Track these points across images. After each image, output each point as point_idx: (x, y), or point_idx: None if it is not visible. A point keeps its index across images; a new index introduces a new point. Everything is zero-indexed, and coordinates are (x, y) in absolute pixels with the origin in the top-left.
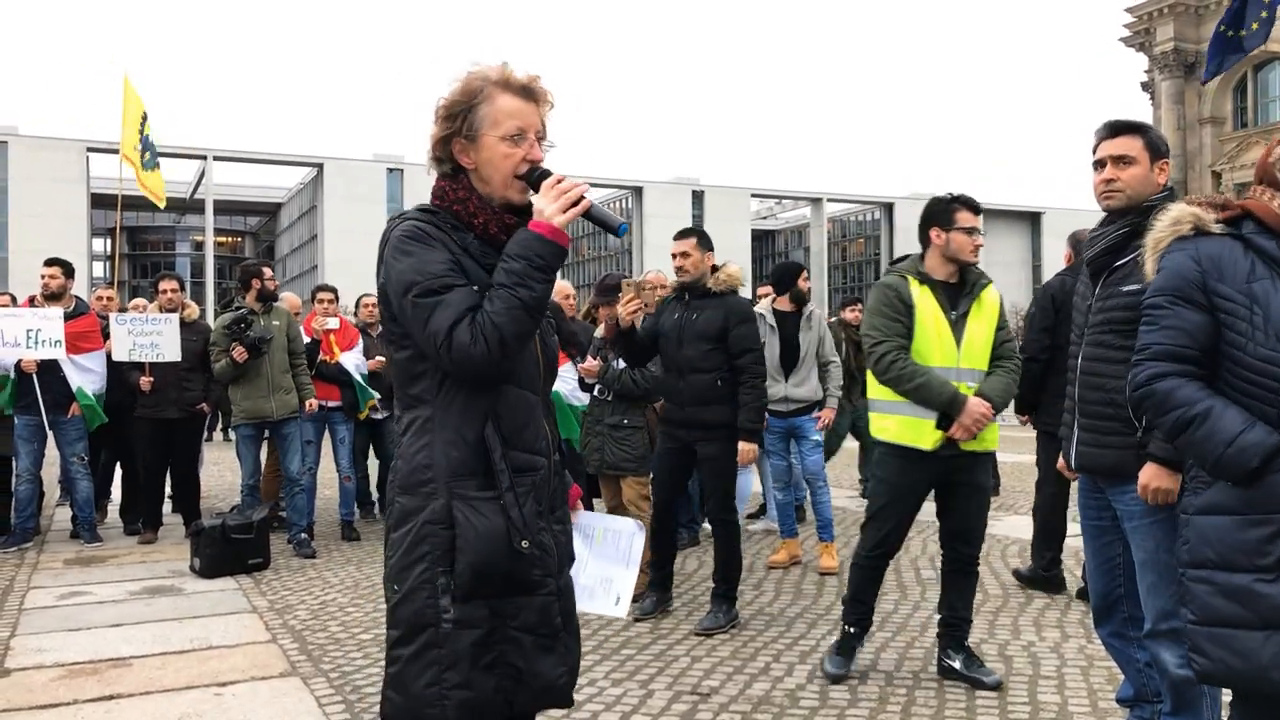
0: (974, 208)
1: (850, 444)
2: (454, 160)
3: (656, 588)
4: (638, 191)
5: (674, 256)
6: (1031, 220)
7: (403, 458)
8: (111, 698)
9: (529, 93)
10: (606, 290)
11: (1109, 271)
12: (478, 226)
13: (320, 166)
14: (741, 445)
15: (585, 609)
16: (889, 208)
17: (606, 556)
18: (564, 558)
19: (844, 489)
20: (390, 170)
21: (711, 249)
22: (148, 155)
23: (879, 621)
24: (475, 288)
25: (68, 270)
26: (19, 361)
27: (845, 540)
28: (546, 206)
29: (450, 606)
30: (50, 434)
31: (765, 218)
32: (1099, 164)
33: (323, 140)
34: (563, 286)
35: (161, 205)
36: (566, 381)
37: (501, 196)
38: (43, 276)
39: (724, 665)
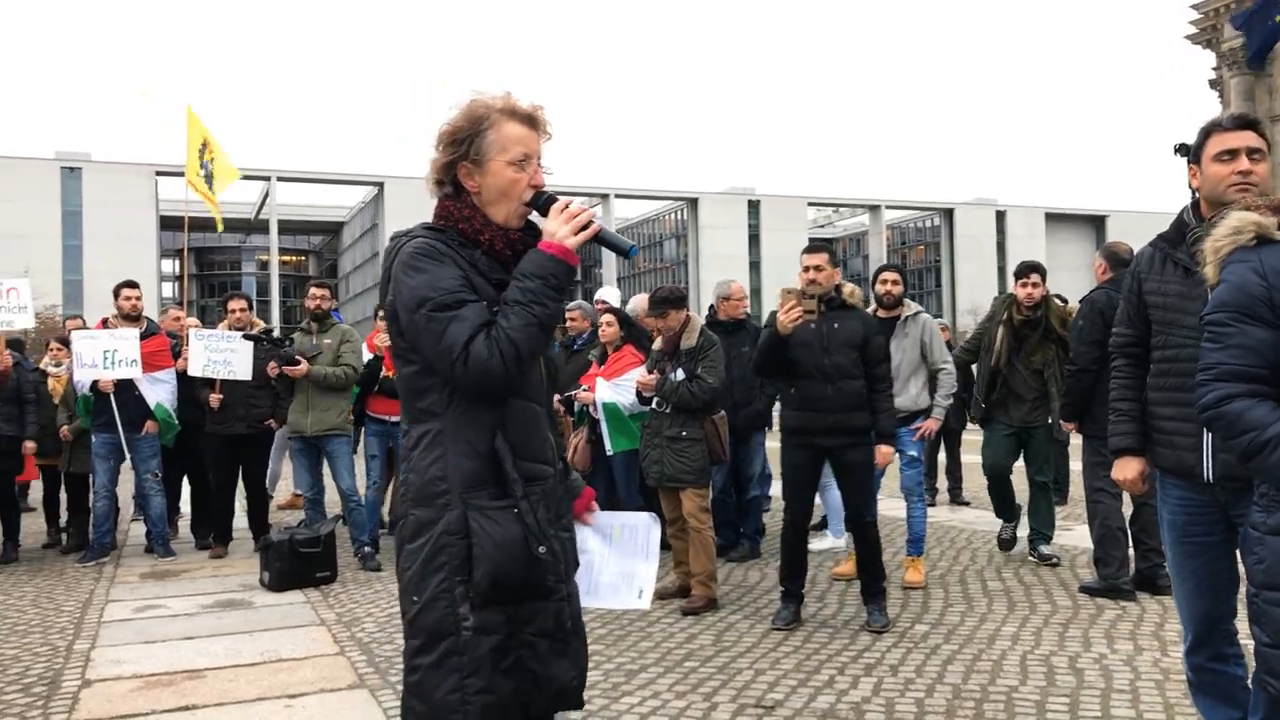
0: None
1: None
2: (457, 184)
3: (792, 600)
4: (693, 203)
5: (806, 269)
6: (1096, 224)
7: (414, 471)
8: (187, 708)
9: (532, 121)
10: (659, 303)
11: None
12: (484, 243)
13: (380, 185)
14: (882, 448)
15: (611, 605)
16: (949, 213)
17: (626, 552)
18: (570, 563)
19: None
20: None
21: (838, 265)
22: (213, 183)
23: (945, 634)
24: (485, 304)
25: (143, 292)
26: (96, 382)
27: (941, 552)
28: (559, 229)
29: (469, 614)
30: (126, 451)
31: (822, 226)
32: (1228, 154)
33: (383, 160)
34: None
35: (219, 230)
36: (625, 393)
37: (504, 219)
38: (126, 298)
39: (788, 678)
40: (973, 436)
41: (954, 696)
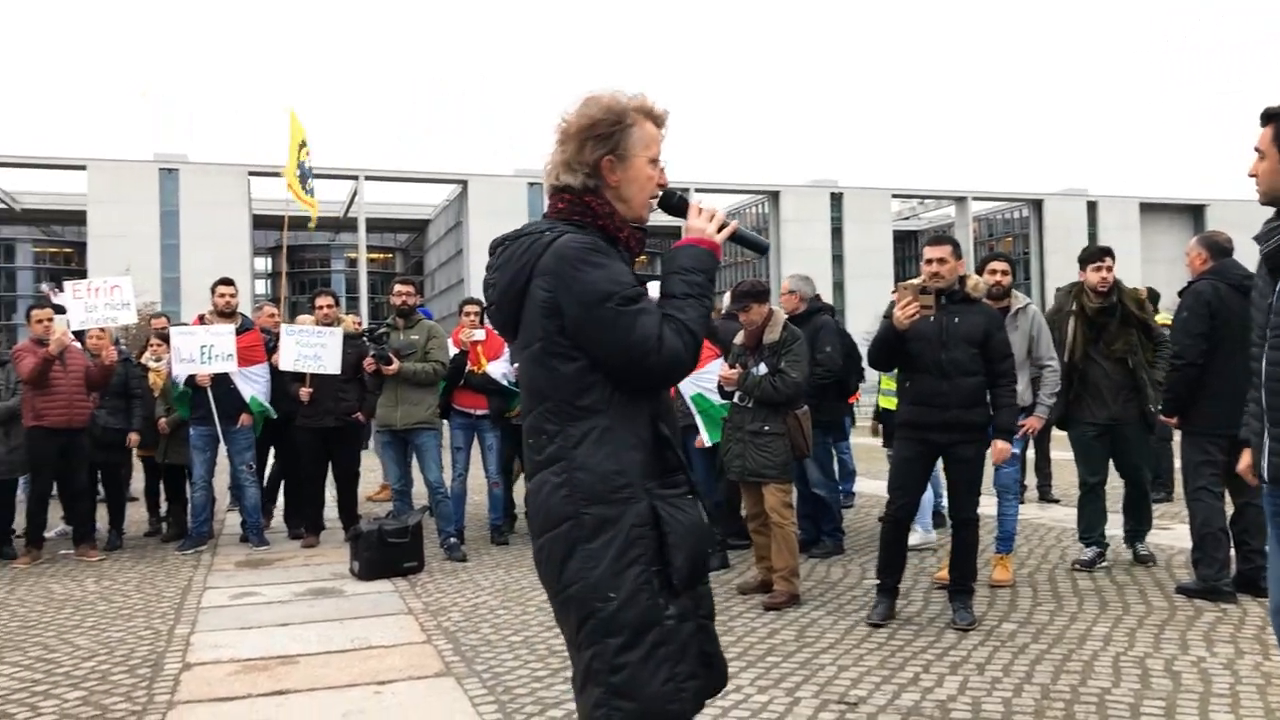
0: None
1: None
2: (599, 176)
3: (887, 595)
4: (774, 196)
5: (929, 261)
6: (1194, 213)
7: (584, 469)
8: (281, 693)
9: (661, 122)
10: (741, 297)
11: None
12: (621, 240)
13: (465, 183)
14: (999, 444)
15: None
16: (1038, 204)
17: None
18: None
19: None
20: (530, 184)
21: (962, 257)
22: (310, 182)
23: (1033, 633)
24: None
25: (238, 289)
26: (193, 376)
27: (1029, 551)
28: (707, 226)
29: (670, 603)
30: (221, 444)
31: (907, 218)
32: None
33: (467, 158)
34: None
35: (311, 226)
36: (707, 385)
37: (635, 214)
38: (221, 295)
39: (871, 674)
40: (1062, 432)
41: (1042, 697)
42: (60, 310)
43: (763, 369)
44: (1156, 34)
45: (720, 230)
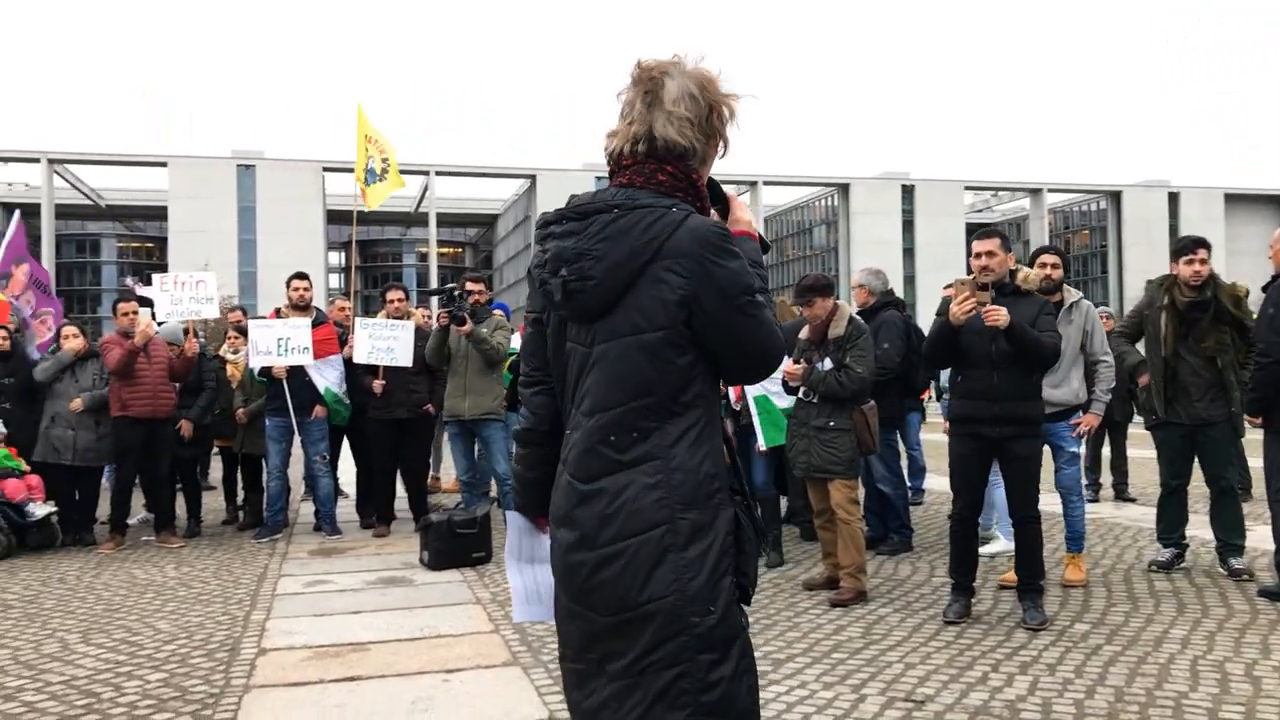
0: None
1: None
2: (704, 152)
3: (962, 594)
4: (844, 188)
5: (978, 255)
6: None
7: (681, 469)
8: (353, 679)
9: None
10: (806, 291)
11: None
12: None
13: (533, 178)
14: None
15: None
16: (1116, 196)
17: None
18: None
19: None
20: (599, 178)
21: (1010, 250)
22: (375, 177)
23: (1107, 635)
24: None
25: (312, 283)
26: (269, 368)
27: (1104, 550)
28: (748, 215)
29: (741, 612)
30: (296, 434)
31: (980, 210)
32: None
33: (535, 153)
34: None
35: (370, 209)
36: (770, 383)
37: (703, 200)
38: (296, 289)
39: (939, 673)
40: (1139, 429)
41: (1116, 699)
42: (145, 303)
43: (827, 364)
44: (1236, 22)
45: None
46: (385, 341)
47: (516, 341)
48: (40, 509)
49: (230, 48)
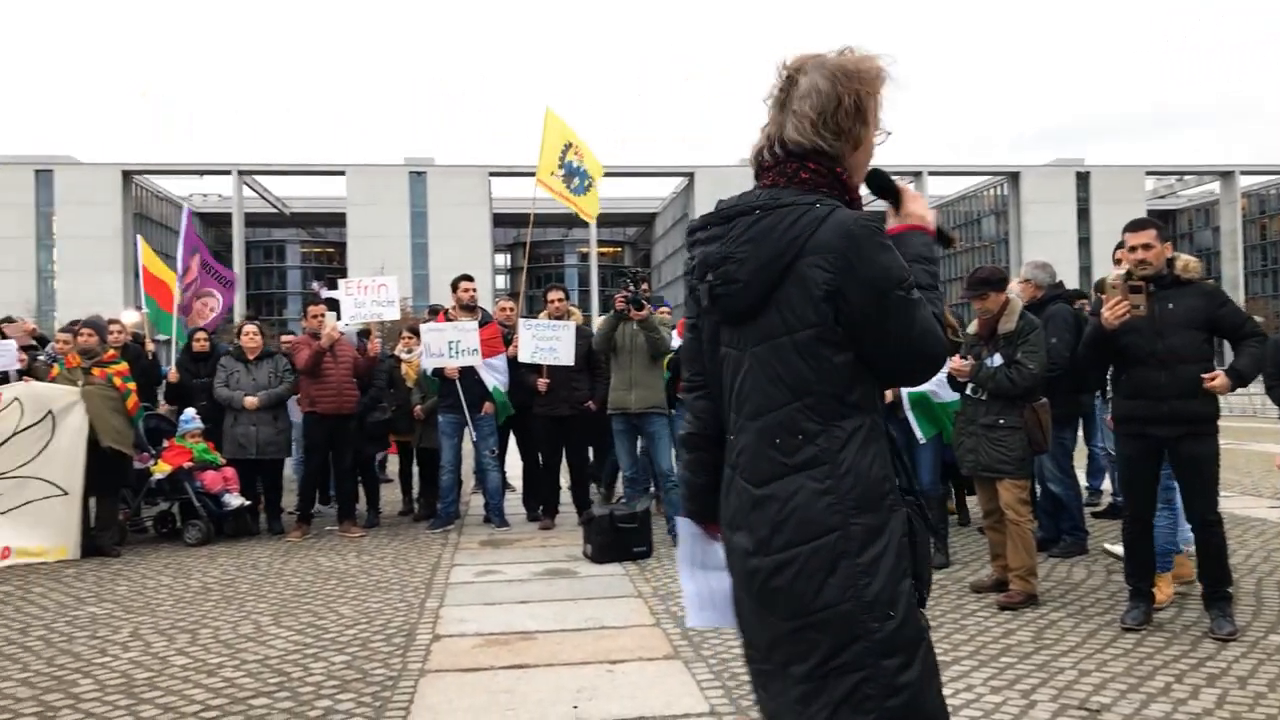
0: None
1: (1259, 446)
2: (848, 144)
3: (1141, 599)
4: (1014, 177)
5: (1132, 249)
6: None
7: (852, 472)
8: (521, 667)
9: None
10: (978, 284)
11: None
12: None
13: (691, 176)
14: (1220, 376)
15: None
16: None
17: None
18: None
19: (1264, 498)
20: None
21: (1169, 239)
22: (576, 181)
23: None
24: None
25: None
26: (442, 369)
27: (1266, 554)
28: (926, 211)
29: (924, 616)
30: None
31: (1163, 196)
32: None
33: (692, 151)
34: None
35: (591, 220)
36: (934, 382)
37: (853, 194)
38: (466, 290)
39: (1116, 681)
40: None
41: None
42: (332, 306)
43: (997, 360)
44: None
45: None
46: (548, 341)
47: (676, 341)
48: (235, 499)
49: (404, 53)
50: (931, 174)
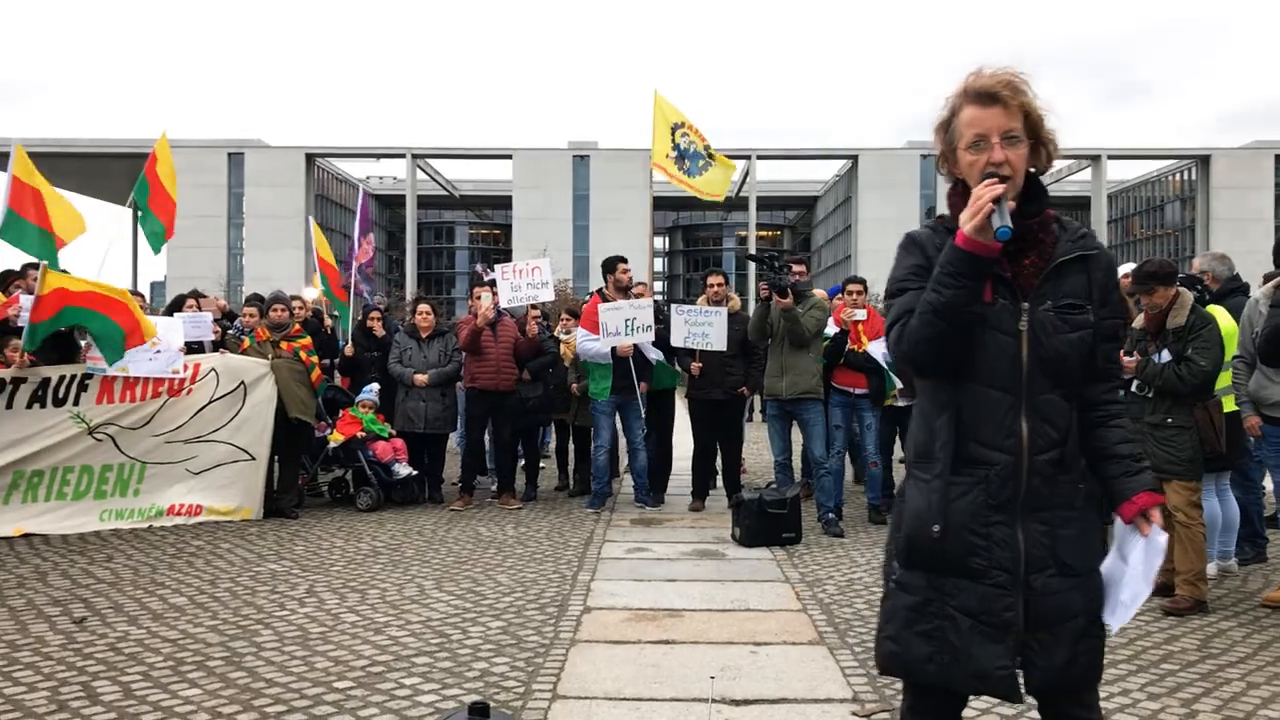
0: None
1: None
2: (953, 174)
3: None
4: (1204, 160)
5: None
6: None
7: (910, 438)
8: (667, 642)
9: (989, 98)
10: (1146, 279)
11: None
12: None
13: (855, 158)
14: None
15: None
16: None
17: (1143, 573)
18: (1035, 557)
19: None
20: (924, 156)
21: None
22: (687, 163)
23: None
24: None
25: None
26: (615, 348)
27: None
28: (965, 221)
29: (897, 569)
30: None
31: None
32: None
33: (857, 132)
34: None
35: (720, 199)
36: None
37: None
38: (625, 271)
39: None
40: None
41: None
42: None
43: (1165, 356)
44: None
45: (975, 216)
46: (700, 327)
47: (832, 328)
48: (404, 469)
49: (569, 39)
50: (1110, 158)
